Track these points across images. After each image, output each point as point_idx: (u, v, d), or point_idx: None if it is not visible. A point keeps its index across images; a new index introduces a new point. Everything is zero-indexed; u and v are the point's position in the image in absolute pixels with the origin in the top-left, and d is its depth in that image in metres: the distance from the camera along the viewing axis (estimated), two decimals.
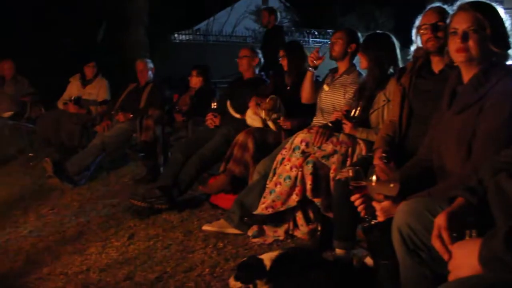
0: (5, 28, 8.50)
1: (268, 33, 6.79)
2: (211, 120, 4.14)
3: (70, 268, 2.93)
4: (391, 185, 1.98)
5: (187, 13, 14.71)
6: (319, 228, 3.19)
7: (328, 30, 16.24)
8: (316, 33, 16.68)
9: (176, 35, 14.49)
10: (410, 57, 2.75)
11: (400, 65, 3.10)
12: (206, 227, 3.40)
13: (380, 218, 2.02)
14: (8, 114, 5.54)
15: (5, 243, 3.35)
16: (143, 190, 4.03)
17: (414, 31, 2.64)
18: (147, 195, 3.73)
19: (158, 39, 10.99)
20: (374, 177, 1.98)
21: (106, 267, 2.92)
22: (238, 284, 2.55)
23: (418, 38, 2.59)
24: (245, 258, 2.73)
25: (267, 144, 3.70)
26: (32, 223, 3.70)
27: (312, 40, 16.96)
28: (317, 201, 3.08)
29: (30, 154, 5.51)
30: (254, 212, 3.19)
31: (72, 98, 5.51)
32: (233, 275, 2.58)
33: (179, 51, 12.17)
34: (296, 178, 3.06)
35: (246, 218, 3.21)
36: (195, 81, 5.00)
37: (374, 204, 2.03)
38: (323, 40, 16.01)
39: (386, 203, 1.98)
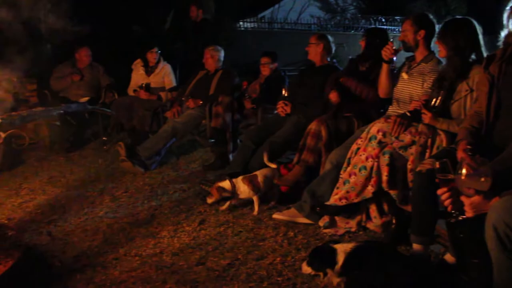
0: (80, 16, 8.82)
1: (196, 27, 6.57)
2: (282, 108, 4.09)
3: (144, 250, 3.00)
4: (482, 179, 1.86)
5: (252, 1, 14.69)
6: (394, 221, 3.09)
7: (396, 17, 15.69)
8: (383, 20, 16.15)
9: (241, 22, 14.52)
10: (500, 43, 2.56)
11: (484, 52, 2.91)
12: (276, 216, 3.37)
13: (469, 213, 1.90)
14: (84, 99, 5.75)
15: (84, 222, 3.48)
16: (213, 177, 4.06)
17: (505, 15, 2.45)
18: (217, 181, 3.74)
19: (224, 27, 11.04)
20: (464, 170, 1.87)
21: (178, 251, 2.97)
22: (310, 269, 2.56)
23: (511, 22, 2.41)
24: (319, 244, 2.69)
25: (340, 133, 3.61)
26: (107, 205, 3.82)
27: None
28: (392, 193, 2.97)
29: (104, 138, 5.72)
30: (327, 203, 3.13)
31: (143, 84, 5.64)
32: (306, 260, 2.58)
33: (243, 39, 12.19)
34: (371, 168, 2.96)
35: (318, 208, 3.14)
36: (265, 68, 4.97)
37: (463, 198, 1.91)
38: (390, 27, 15.46)
39: (476, 198, 1.86)
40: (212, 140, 4.73)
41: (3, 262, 2.55)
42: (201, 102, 4.92)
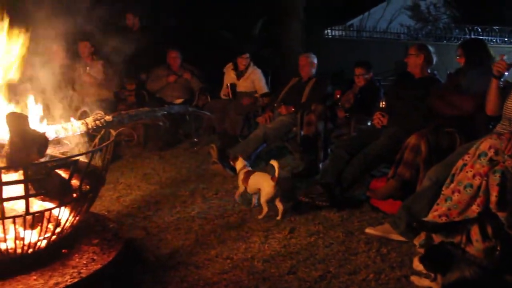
0: (173, 21, 9.16)
1: (133, 36, 6.30)
2: (379, 119, 3.97)
3: (235, 253, 3.02)
4: None
5: (341, 8, 14.54)
6: (499, 248, 2.87)
7: (494, 27, 14.82)
8: (479, 29, 15.30)
9: (329, 30, 14.40)
10: None
11: None
12: (369, 230, 3.27)
13: None
14: (179, 101, 5.97)
15: (177, 220, 3.57)
16: (306, 185, 4.02)
17: None
18: (309, 190, 3.71)
19: (312, 34, 11.02)
20: None
21: (269, 258, 2.96)
22: (421, 266, 2.53)
23: None
24: (437, 243, 2.67)
25: (440, 148, 3.44)
26: (198, 205, 3.90)
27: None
28: (501, 215, 2.76)
29: (195, 139, 5.88)
30: (425, 219, 2.98)
31: (228, 84, 5.75)
32: (419, 256, 2.53)
33: (331, 47, 12.09)
34: (479, 187, 2.78)
35: (415, 223, 3.00)
36: (359, 80, 4.87)
37: None
38: (487, 37, 14.62)
39: None
40: (302, 148, 4.69)
41: (106, 252, 2.68)
42: (293, 109, 4.92)
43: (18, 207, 2.41)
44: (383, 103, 4.06)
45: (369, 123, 4.63)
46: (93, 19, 4.25)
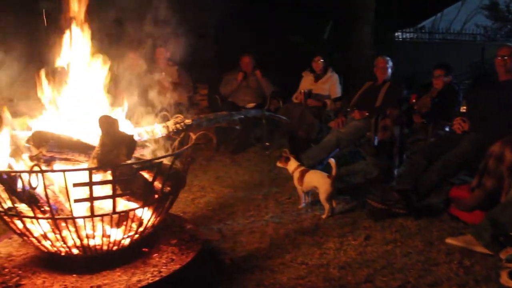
0: (243, 26, 9.28)
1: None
2: (459, 125, 3.80)
3: (310, 259, 2.99)
4: None
5: (411, 10, 14.12)
6: None
7: None
8: None
9: (399, 33, 14.05)
10: None
11: None
12: (450, 241, 3.14)
13: None
14: (251, 105, 6.04)
15: (251, 224, 3.60)
16: (379, 191, 3.93)
17: None
18: (385, 197, 3.62)
19: (382, 37, 10.78)
20: None
21: (345, 265, 2.91)
22: (511, 282, 2.46)
23: None
24: None
25: None
26: (272, 209, 3.91)
27: None
28: None
29: (266, 143, 5.91)
30: None
31: (303, 91, 5.75)
32: (508, 271, 2.47)
33: (402, 50, 11.79)
34: None
35: (502, 238, 2.84)
36: (438, 82, 4.69)
37: None
38: None
39: None
40: (377, 154, 4.58)
41: (185, 253, 2.75)
42: (367, 114, 4.82)
43: (104, 206, 2.52)
44: (464, 107, 3.89)
45: (447, 129, 4.45)
46: (169, 25, 4.38)
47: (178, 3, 3.81)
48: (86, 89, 2.87)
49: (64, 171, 2.27)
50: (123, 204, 2.61)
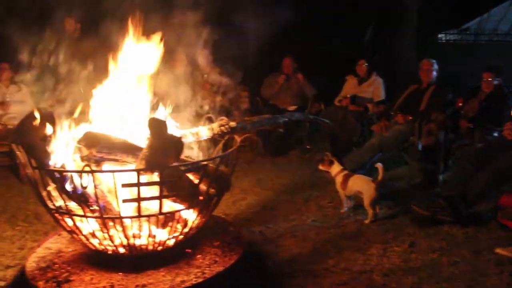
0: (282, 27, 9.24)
1: (72, 43, 5.65)
2: (510, 130, 3.67)
3: (353, 265, 2.96)
4: None
5: (455, 11, 13.75)
6: None
7: None
8: None
9: (442, 34, 13.70)
10: None
11: None
12: (500, 251, 3.04)
13: None
14: (292, 108, 6.03)
15: (293, 227, 3.59)
16: (423, 197, 3.85)
17: None
18: (430, 203, 3.54)
19: (425, 39, 10.56)
20: None
21: (389, 272, 2.86)
22: None
23: None
24: None
25: None
26: (313, 213, 3.89)
27: None
28: None
29: (307, 146, 5.88)
30: None
31: (349, 96, 5.69)
32: None
33: (445, 52, 11.48)
34: None
35: None
36: (488, 85, 4.54)
37: None
38: None
39: None
40: (420, 159, 4.48)
41: (228, 255, 2.76)
42: (410, 118, 4.72)
43: (150, 207, 2.57)
44: None
45: (495, 134, 4.31)
46: (216, 30, 4.42)
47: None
48: (133, 90, 2.92)
49: (113, 171, 2.33)
50: (168, 205, 2.64)
